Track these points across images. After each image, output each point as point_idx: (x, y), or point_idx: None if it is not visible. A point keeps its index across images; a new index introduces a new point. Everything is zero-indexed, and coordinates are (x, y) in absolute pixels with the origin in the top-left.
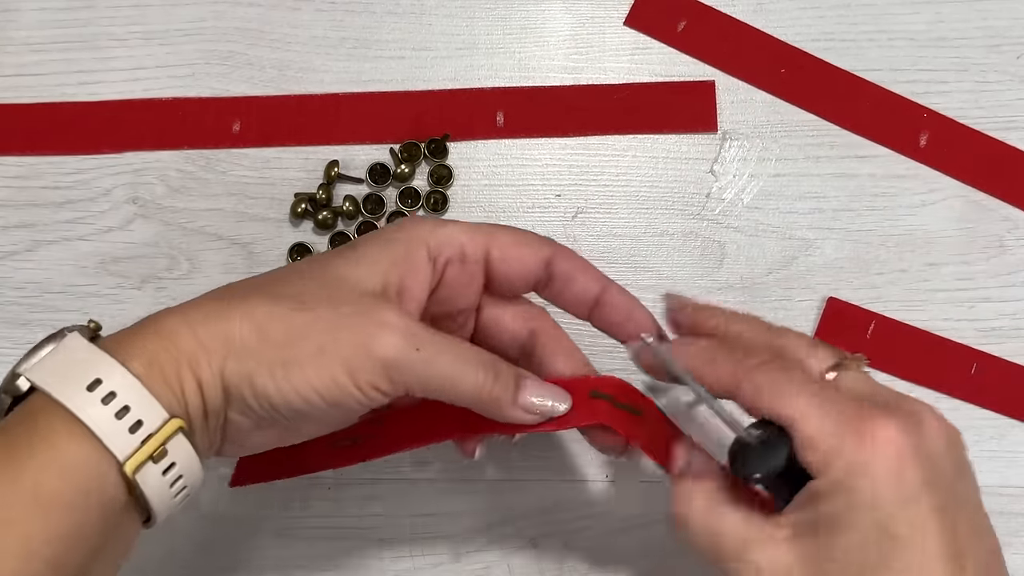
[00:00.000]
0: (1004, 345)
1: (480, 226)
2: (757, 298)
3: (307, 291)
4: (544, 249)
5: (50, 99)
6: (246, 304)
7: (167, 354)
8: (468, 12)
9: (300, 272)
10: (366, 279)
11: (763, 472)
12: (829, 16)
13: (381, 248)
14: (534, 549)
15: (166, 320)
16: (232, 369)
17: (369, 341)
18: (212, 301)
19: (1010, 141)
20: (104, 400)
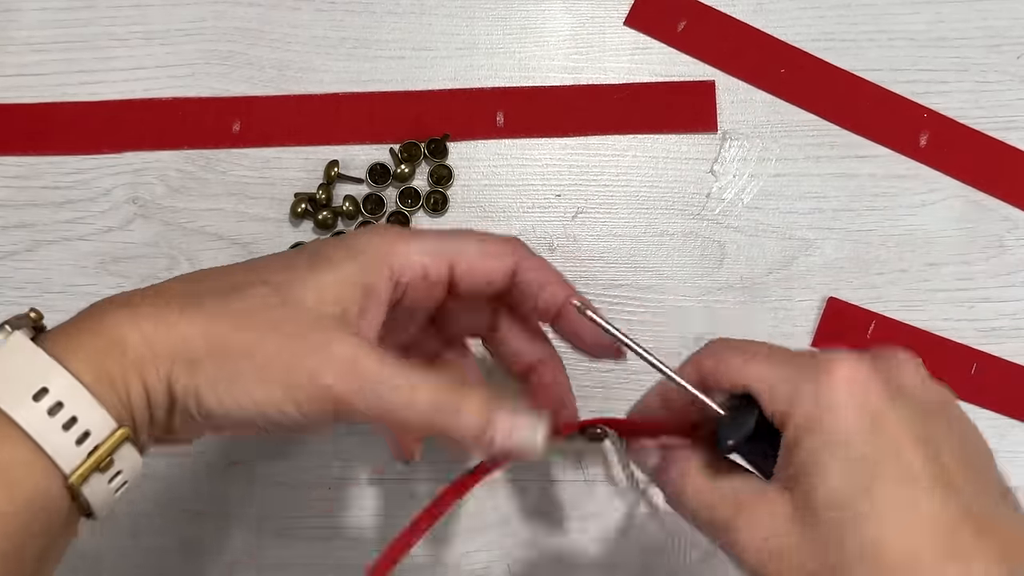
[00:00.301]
0: (1004, 345)
1: (443, 240)
2: (757, 298)
3: (265, 308)
4: (508, 259)
5: (51, 99)
6: (200, 314)
7: (115, 358)
8: (468, 12)
9: (262, 281)
10: (326, 300)
11: (735, 439)
12: (829, 16)
13: (343, 265)
14: (534, 549)
15: (115, 321)
16: (179, 379)
17: (315, 370)
18: (165, 302)
19: (1010, 141)
20: (51, 411)
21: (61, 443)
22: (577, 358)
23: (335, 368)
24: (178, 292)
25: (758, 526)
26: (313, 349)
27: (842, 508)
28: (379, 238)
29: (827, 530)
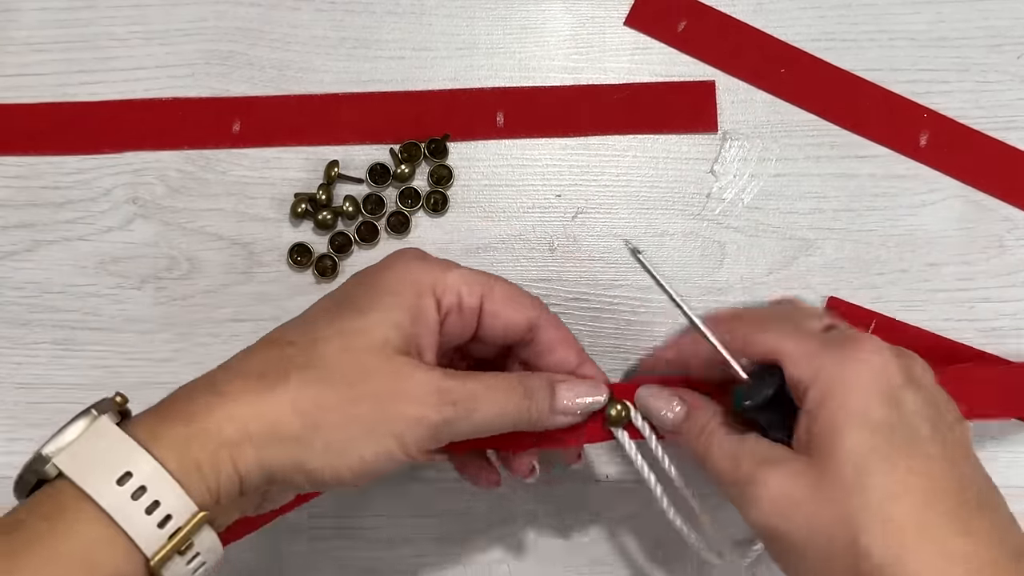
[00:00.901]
0: (1004, 345)
1: (476, 275)
2: (757, 298)
3: (342, 364)
4: (532, 311)
5: (51, 99)
6: (288, 387)
7: (203, 442)
8: (468, 12)
9: (324, 338)
10: (388, 337)
11: (756, 401)
12: (829, 16)
13: (393, 299)
14: (534, 549)
15: (204, 404)
16: (279, 456)
17: (415, 412)
18: (251, 382)
19: (1010, 141)
20: (134, 495)
21: (143, 526)
22: None
23: (428, 401)
24: (258, 369)
25: (778, 481)
26: (402, 392)
27: (858, 467)
28: (419, 267)
29: (843, 485)
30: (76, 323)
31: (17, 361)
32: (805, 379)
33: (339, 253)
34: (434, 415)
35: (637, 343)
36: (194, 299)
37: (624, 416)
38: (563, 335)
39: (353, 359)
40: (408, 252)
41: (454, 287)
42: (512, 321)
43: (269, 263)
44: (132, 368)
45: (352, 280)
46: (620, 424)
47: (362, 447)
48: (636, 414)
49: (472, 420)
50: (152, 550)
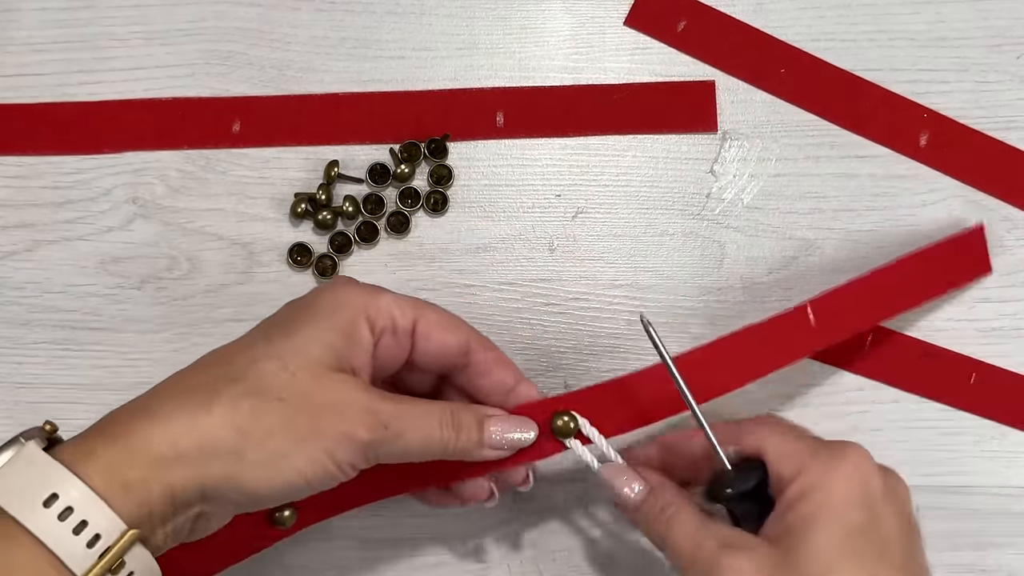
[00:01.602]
0: (1004, 345)
1: (409, 299)
2: (757, 298)
3: (278, 380)
4: (464, 334)
5: (50, 99)
6: (221, 402)
7: (131, 460)
8: (468, 12)
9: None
10: (322, 355)
11: (737, 489)
12: (829, 16)
13: (327, 321)
14: (534, 549)
15: (134, 424)
16: (212, 471)
17: (345, 428)
18: (182, 400)
19: (1010, 141)
20: (60, 516)
21: (72, 547)
22: (584, 365)
23: (358, 419)
24: (190, 387)
25: (742, 565)
26: (334, 408)
27: (827, 563)
28: (350, 291)
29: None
30: (76, 323)
31: (17, 361)
32: (788, 475)
33: (339, 253)
34: (363, 434)
35: (637, 343)
36: (194, 299)
37: (573, 428)
38: (497, 356)
39: (288, 376)
40: (339, 279)
41: (386, 309)
42: (445, 343)
43: (269, 263)
44: (132, 368)
45: (286, 306)
46: (569, 435)
47: (296, 460)
48: (584, 422)
49: (400, 444)
50: (82, 570)
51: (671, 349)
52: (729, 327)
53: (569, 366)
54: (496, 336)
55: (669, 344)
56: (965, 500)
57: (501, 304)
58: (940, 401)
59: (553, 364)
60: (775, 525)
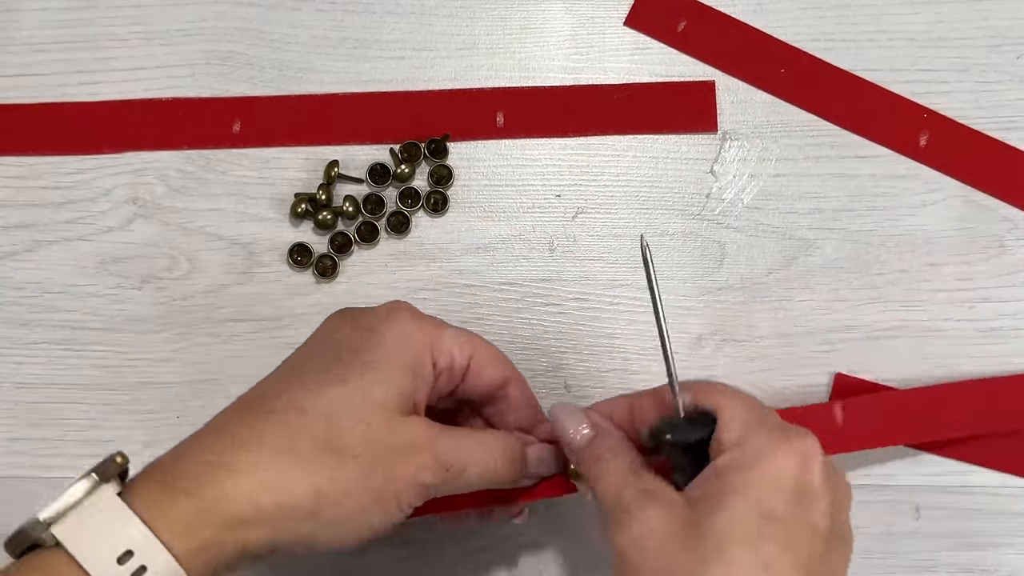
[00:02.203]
0: (1004, 345)
1: (466, 335)
2: (757, 298)
3: (355, 434)
4: (508, 371)
5: (51, 99)
6: (303, 463)
7: (209, 519)
8: (468, 12)
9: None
10: (392, 399)
11: (677, 437)
12: (829, 16)
13: (396, 360)
14: (534, 549)
15: (211, 476)
16: (288, 531)
17: (413, 473)
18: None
19: (1010, 141)
20: (134, 575)
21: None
22: (584, 365)
23: (425, 463)
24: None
25: (650, 519)
26: (405, 456)
27: (726, 541)
28: (422, 326)
29: (702, 550)
30: (76, 323)
31: (17, 361)
32: (729, 441)
33: (339, 253)
34: (429, 478)
35: (637, 343)
36: (194, 299)
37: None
38: (528, 395)
39: (365, 428)
40: (403, 308)
41: (448, 348)
42: (493, 379)
43: (269, 263)
44: (132, 368)
45: (349, 328)
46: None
47: (371, 516)
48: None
49: (460, 482)
50: None
51: (673, 349)
52: (729, 327)
53: (569, 366)
54: (496, 336)
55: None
56: (965, 500)
57: (501, 304)
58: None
59: (553, 364)
60: (698, 487)
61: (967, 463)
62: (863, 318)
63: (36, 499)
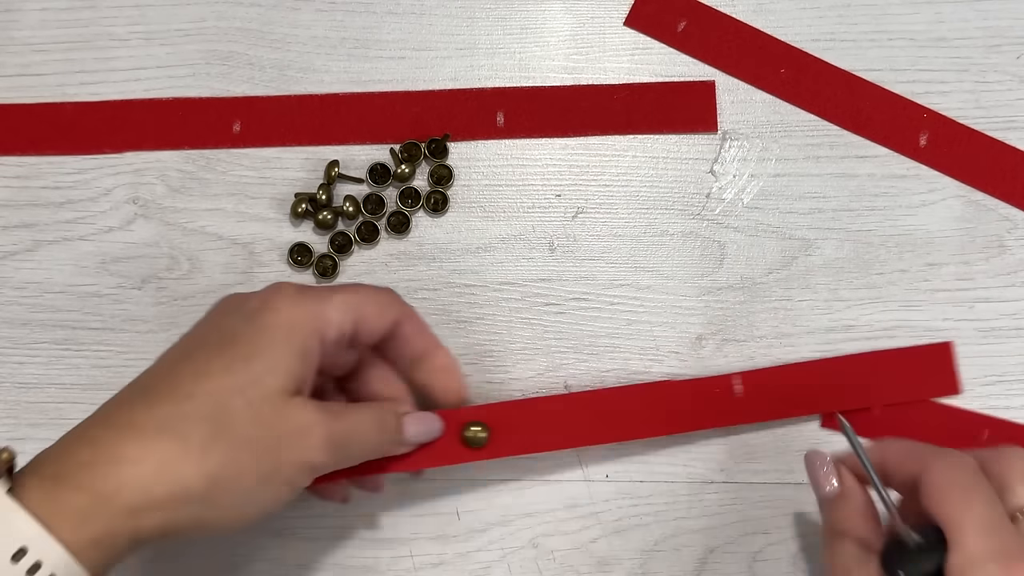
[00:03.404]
0: (1004, 345)
1: (348, 298)
2: (757, 298)
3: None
4: (393, 312)
5: (51, 99)
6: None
7: (102, 511)
8: (468, 12)
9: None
10: (282, 384)
11: (909, 573)
12: (829, 16)
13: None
14: (534, 549)
15: (103, 467)
16: (182, 517)
17: (305, 457)
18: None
19: (1010, 141)
20: (29, 571)
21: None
22: (584, 364)
23: (316, 445)
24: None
25: None
26: (294, 438)
27: None
28: (305, 307)
29: None
30: (76, 323)
31: (17, 361)
32: (960, 570)
33: (339, 253)
34: (319, 458)
35: (637, 343)
36: (194, 299)
37: (482, 438)
38: (419, 326)
39: (253, 413)
40: (285, 291)
41: (334, 321)
42: (380, 328)
43: (269, 263)
44: (132, 368)
45: (235, 314)
46: (479, 445)
47: (260, 496)
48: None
49: (345, 457)
50: None
51: (672, 349)
52: (729, 327)
53: (569, 366)
54: (496, 336)
55: (671, 344)
56: None
57: (501, 304)
58: None
59: (553, 364)
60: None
61: None
62: (863, 318)
63: None
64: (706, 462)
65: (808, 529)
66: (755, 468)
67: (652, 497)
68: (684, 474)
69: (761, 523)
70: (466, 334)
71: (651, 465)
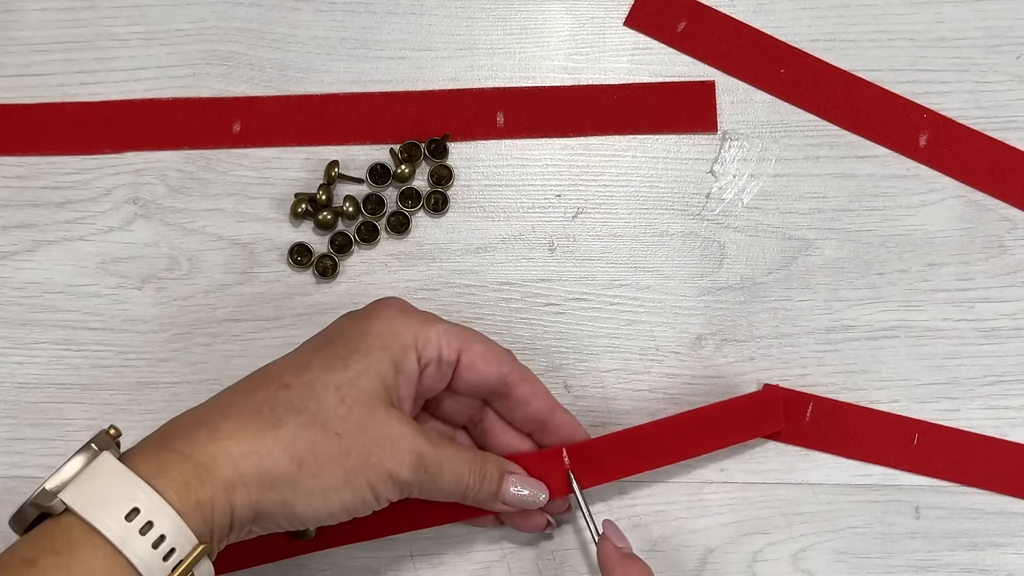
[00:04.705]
0: (1004, 345)
1: (456, 329)
2: (757, 298)
3: (337, 412)
4: (504, 366)
5: (51, 99)
6: (283, 429)
7: (201, 478)
8: (468, 12)
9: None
10: (375, 389)
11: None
12: (829, 16)
13: (380, 352)
14: (534, 549)
15: (201, 438)
16: (270, 498)
17: (391, 467)
18: (246, 420)
19: (1010, 141)
20: (142, 530)
21: (151, 559)
22: (584, 365)
23: (405, 460)
24: (254, 407)
25: None
26: (385, 446)
27: None
28: (404, 322)
29: None
30: (76, 323)
31: (17, 361)
32: None
33: (339, 253)
34: (406, 474)
35: (637, 343)
36: (194, 299)
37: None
38: (536, 390)
39: (345, 410)
40: (392, 303)
41: (435, 341)
42: (485, 375)
43: (269, 263)
44: (132, 368)
45: (341, 323)
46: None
47: (343, 493)
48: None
49: (434, 486)
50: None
51: (672, 349)
52: (729, 327)
53: (569, 366)
54: (496, 336)
55: (671, 344)
56: (965, 500)
57: (501, 304)
58: (880, 464)
59: (553, 364)
60: None
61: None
62: (863, 318)
63: None
64: (706, 462)
65: (808, 529)
66: (755, 468)
67: (652, 497)
68: (684, 474)
69: (761, 523)
70: None
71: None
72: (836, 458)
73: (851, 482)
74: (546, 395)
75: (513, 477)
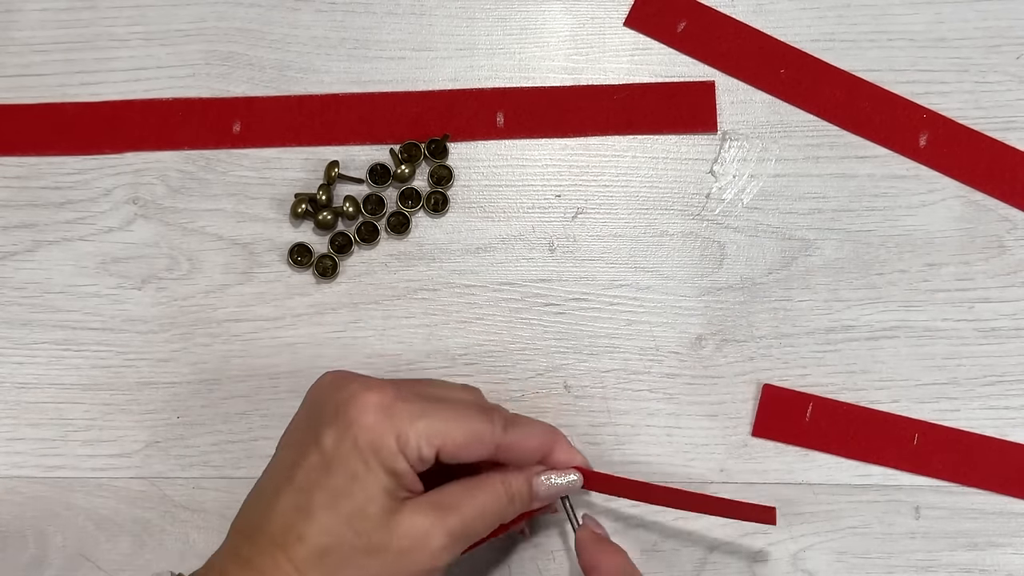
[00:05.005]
0: (1004, 345)
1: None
2: (757, 298)
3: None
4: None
5: (51, 99)
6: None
7: None
8: (468, 13)
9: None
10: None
11: None
12: (829, 16)
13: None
14: (534, 548)
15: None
16: None
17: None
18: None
19: (1010, 141)
20: None
21: None
22: (584, 365)
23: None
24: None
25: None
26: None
27: None
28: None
29: None
30: (76, 323)
31: (17, 361)
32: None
33: (339, 253)
34: (443, 559)
35: (637, 343)
36: (194, 299)
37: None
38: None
39: (365, 541)
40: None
41: (413, 445)
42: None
43: (269, 263)
44: (132, 368)
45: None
46: None
47: None
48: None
49: (475, 537)
50: None
51: (672, 349)
52: (729, 327)
53: (569, 366)
54: (496, 336)
55: (671, 344)
56: (965, 500)
57: (501, 304)
58: (880, 464)
59: (553, 364)
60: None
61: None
62: (863, 318)
63: (37, 500)
64: (706, 462)
65: (808, 529)
66: (755, 468)
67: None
68: (684, 474)
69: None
70: (466, 334)
71: (651, 466)
72: (836, 458)
73: (851, 482)
74: (538, 444)
75: (540, 477)
